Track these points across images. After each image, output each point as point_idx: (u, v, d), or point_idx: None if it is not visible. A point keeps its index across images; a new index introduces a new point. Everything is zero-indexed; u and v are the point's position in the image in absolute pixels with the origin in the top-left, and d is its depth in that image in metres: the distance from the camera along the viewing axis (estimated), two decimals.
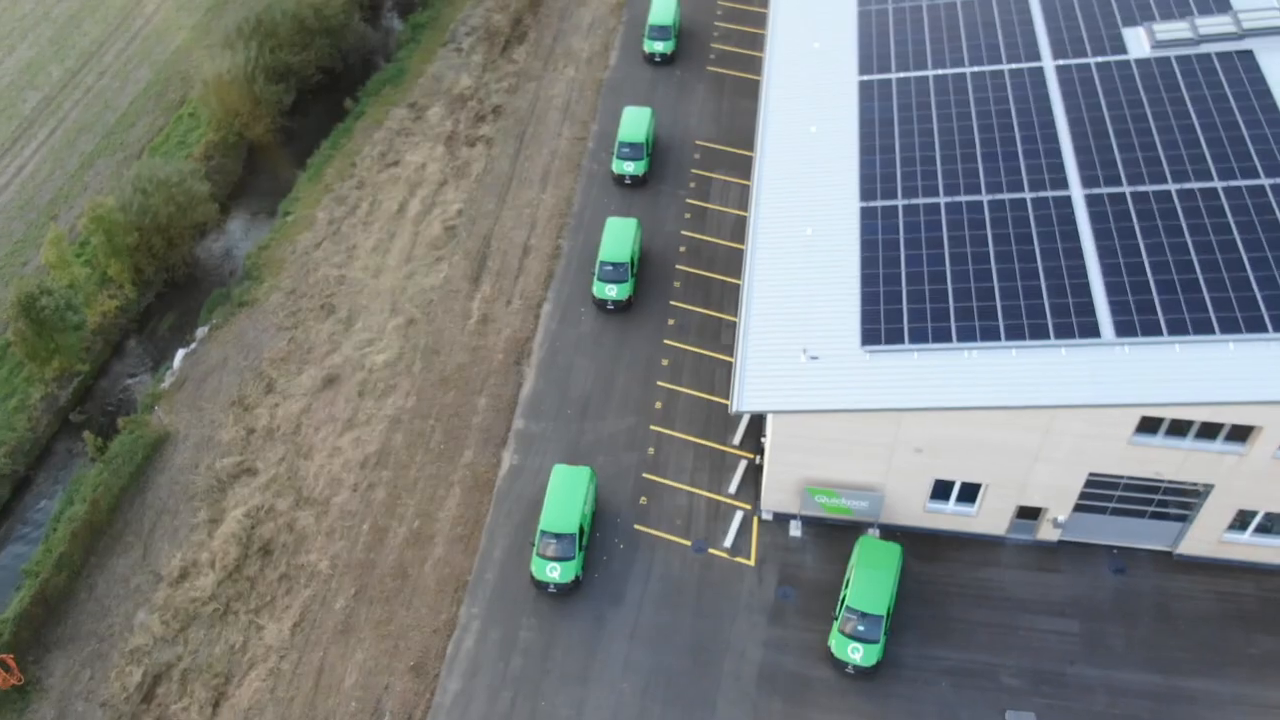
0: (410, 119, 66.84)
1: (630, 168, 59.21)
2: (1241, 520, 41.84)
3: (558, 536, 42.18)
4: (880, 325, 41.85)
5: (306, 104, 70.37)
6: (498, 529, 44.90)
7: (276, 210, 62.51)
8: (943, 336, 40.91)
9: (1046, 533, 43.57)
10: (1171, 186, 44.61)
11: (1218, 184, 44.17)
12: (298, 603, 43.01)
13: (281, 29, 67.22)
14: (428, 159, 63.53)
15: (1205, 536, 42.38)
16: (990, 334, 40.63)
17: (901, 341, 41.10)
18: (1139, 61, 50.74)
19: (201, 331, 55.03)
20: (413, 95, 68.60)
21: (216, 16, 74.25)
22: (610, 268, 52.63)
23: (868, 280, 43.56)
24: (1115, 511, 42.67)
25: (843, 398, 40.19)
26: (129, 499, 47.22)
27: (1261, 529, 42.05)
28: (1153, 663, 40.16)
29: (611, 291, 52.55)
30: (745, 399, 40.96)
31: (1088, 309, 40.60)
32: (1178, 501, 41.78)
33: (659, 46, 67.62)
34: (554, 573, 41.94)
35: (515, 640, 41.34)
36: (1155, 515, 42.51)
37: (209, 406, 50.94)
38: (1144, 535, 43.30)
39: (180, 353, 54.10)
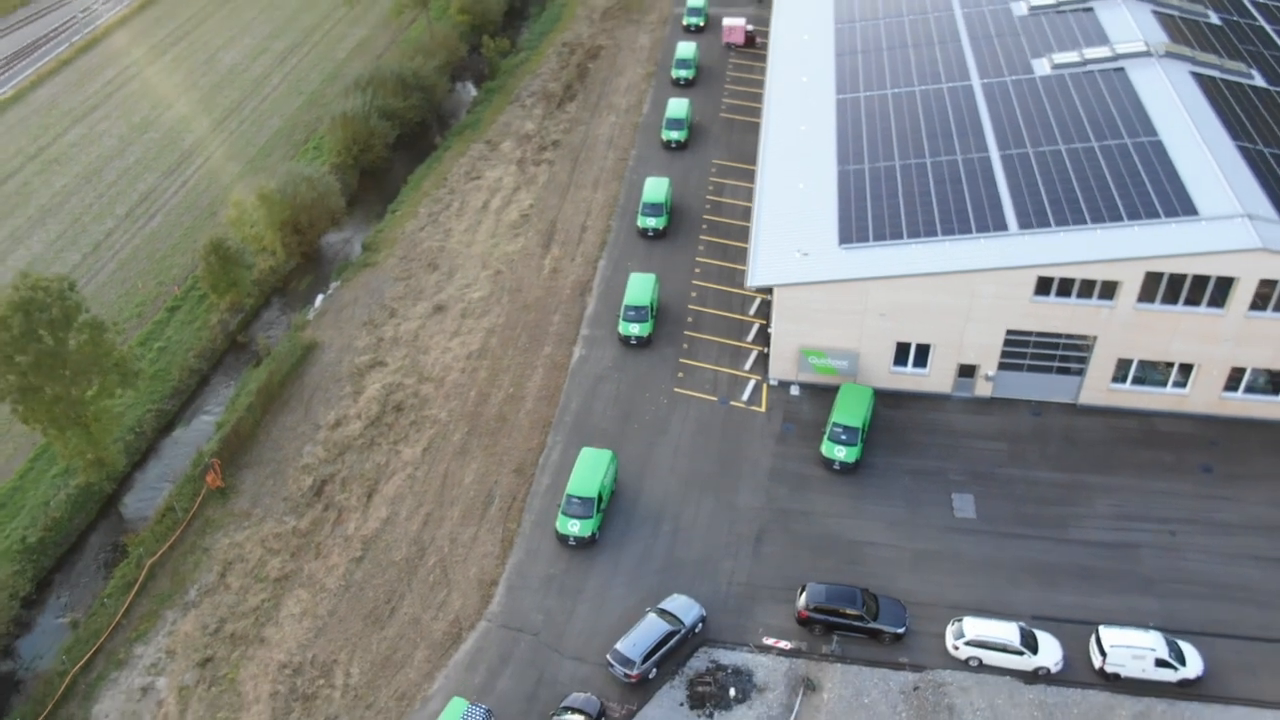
0: (488, 150, 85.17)
1: (652, 222, 72.91)
2: (1122, 372, 56.98)
3: (580, 499, 50.72)
4: (852, 232, 58.34)
5: (404, 145, 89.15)
6: (573, 392, 59.98)
7: (384, 213, 79.92)
8: (896, 235, 57.41)
9: (982, 389, 58.56)
10: (1062, 146, 61.87)
11: (1094, 144, 61.44)
12: (425, 436, 57.75)
13: (389, 83, 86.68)
14: (503, 174, 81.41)
15: (1097, 386, 57.39)
16: (930, 232, 57.13)
17: (868, 240, 57.54)
18: (1043, 78, 68.96)
19: (335, 284, 71.43)
20: (488, 135, 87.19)
21: (330, 83, 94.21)
22: (633, 311, 62.59)
23: (843, 208, 60.32)
24: (1030, 368, 57.85)
25: (826, 274, 56.25)
26: (291, 381, 62.52)
27: (1138, 380, 57.15)
28: (1060, 467, 54.53)
29: (634, 329, 62.35)
30: (757, 277, 57.13)
31: (999, 215, 57.16)
32: (1075, 357, 57.02)
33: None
34: (574, 528, 50.31)
35: None
36: (1060, 370, 57.68)
37: (346, 326, 66.78)
38: (1053, 389, 58.29)
39: (319, 296, 70.39)
